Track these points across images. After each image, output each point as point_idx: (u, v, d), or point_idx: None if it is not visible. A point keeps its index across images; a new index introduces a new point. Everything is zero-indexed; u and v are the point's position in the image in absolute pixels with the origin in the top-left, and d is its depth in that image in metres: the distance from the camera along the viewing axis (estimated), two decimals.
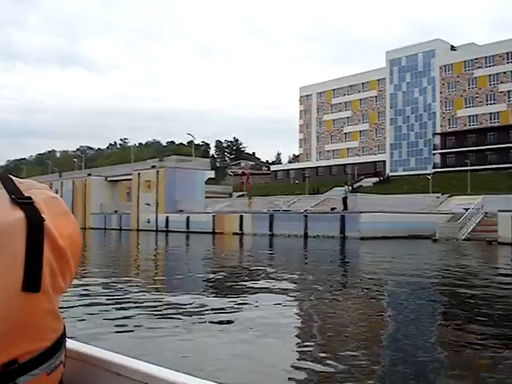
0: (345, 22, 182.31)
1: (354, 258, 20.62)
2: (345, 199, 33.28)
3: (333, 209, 34.50)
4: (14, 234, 0.89)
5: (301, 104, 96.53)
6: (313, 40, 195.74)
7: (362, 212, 32.15)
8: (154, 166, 49.29)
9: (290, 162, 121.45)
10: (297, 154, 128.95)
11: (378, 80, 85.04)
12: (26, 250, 0.89)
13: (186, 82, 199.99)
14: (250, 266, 15.91)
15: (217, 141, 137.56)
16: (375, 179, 76.31)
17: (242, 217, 39.79)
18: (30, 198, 0.94)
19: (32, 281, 0.88)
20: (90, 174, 57.38)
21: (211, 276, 12.96)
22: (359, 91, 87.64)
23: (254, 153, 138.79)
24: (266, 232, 37.07)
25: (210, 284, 11.51)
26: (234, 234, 39.27)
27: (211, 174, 52.18)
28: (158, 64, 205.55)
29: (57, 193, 1.04)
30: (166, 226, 45.69)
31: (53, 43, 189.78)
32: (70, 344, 1.08)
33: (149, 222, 47.86)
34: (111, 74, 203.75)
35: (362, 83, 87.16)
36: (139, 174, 50.01)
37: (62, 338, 0.98)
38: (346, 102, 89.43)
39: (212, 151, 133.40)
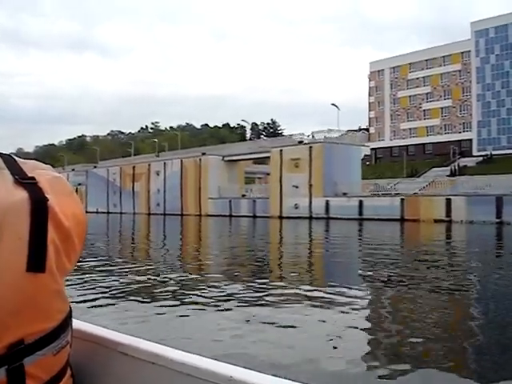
0: (360, 4, 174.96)
1: None
2: None
3: None
4: (18, 214, 0.86)
5: (371, 80, 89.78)
6: (329, 22, 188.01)
7: None
8: (301, 142, 42.52)
9: None
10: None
11: (462, 53, 78.89)
12: (30, 230, 0.86)
13: (203, 66, 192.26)
14: None
15: (252, 123, 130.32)
16: (474, 159, 70.71)
17: (449, 200, 33.66)
18: (33, 178, 0.91)
19: (37, 261, 0.85)
20: (204, 153, 49.64)
21: None
22: (440, 65, 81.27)
23: (291, 135, 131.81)
24: (490, 219, 31.06)
25: None
26: (436, 221, 33.20)
27: (366, 151, 45.57)
28: (173, 49, 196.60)
29: (158, 175, 0.98)
30: (326, 211, 39.34)
31: (67, 29, 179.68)
32: (77, 324, 1.07)
33: (297, 207, 41.41)
34: (126, 60, 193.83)
35: (443, 56, 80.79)
36: (281, 150, 43.13)
37: (69, 318, 0.97)
38: (424, 77, 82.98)
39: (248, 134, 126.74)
